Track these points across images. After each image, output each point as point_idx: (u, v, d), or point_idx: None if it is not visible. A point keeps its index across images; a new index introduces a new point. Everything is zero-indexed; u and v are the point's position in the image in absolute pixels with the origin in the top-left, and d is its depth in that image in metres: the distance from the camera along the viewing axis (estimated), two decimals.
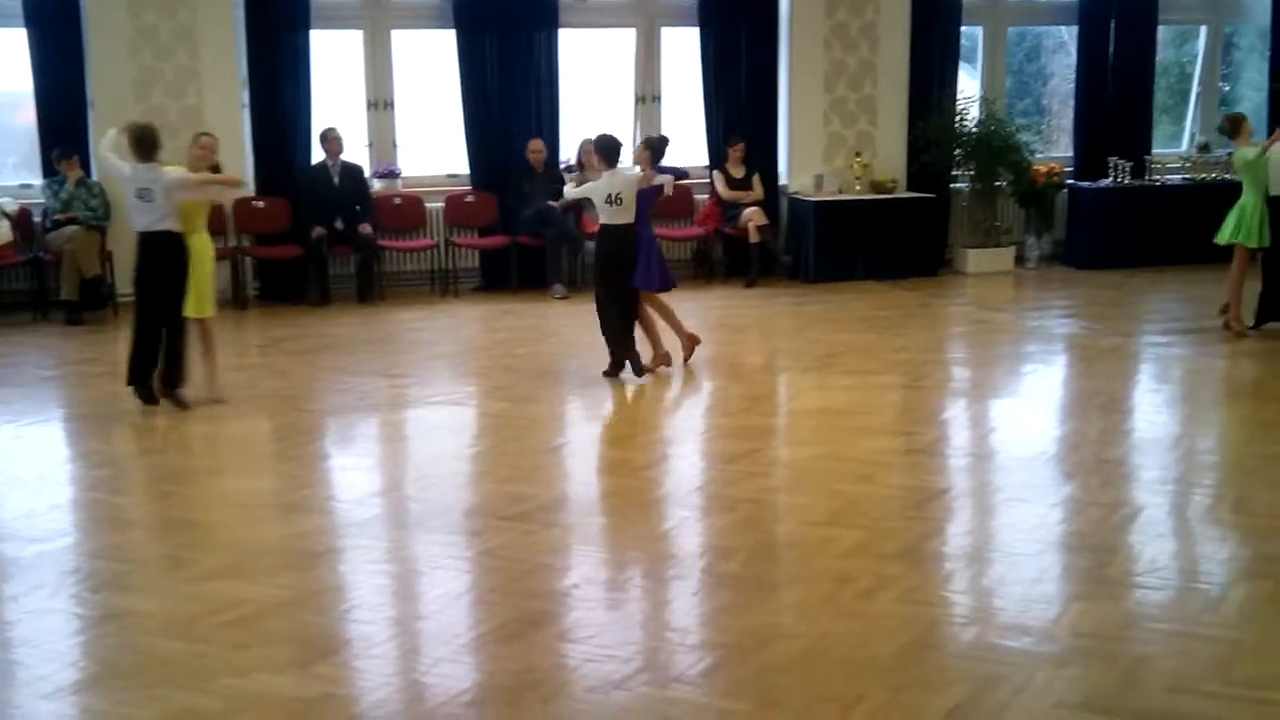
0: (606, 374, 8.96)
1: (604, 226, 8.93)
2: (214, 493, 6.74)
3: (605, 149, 8.97)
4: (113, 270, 11.50)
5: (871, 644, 4.63)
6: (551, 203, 12.46)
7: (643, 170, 8.90)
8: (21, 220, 11.65)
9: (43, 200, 11.67)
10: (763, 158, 13.38)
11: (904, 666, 4.45)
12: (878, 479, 6.67)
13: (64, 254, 11.23)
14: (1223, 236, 10.23)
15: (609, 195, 8.79)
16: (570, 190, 9.64)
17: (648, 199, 8.93)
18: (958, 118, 13.54)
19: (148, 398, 8.20)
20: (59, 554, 5.73)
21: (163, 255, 8.10)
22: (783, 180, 13.68)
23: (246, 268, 12.36)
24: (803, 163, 13.60)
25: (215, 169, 8.57)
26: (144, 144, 8.10)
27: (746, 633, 4.75)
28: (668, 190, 9.31)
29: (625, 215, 8.79)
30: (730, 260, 13.34)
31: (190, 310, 8.25)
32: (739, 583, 5.29)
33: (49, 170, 11.69)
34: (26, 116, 12.00)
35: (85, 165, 11.66)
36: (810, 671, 4.43)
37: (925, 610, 4.96)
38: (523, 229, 12.59)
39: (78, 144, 11.63)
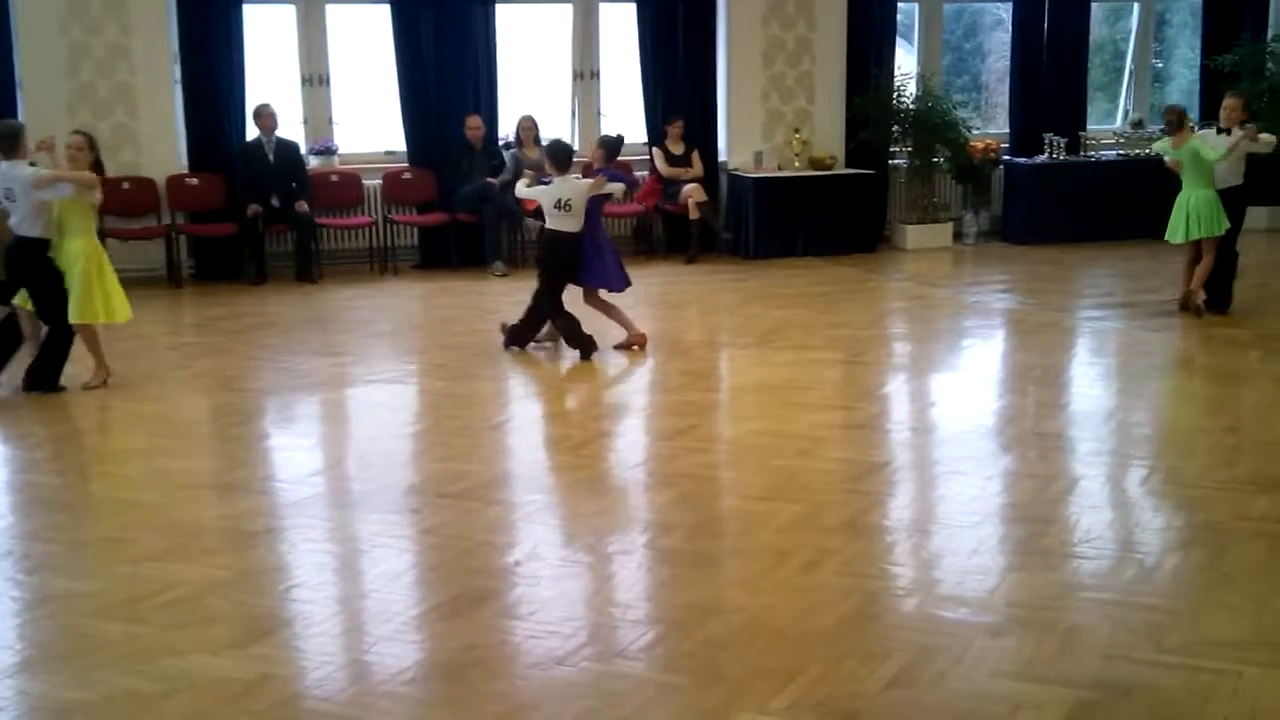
0: (508, 340, 9.04)
1: (550, 232, 8.88)
2: (151, 473, 6.65)
3: (556, 155, 8.94)
4: None
5: (811, 616, 4.66)
6: (490, 180, 12.40)
7: (594, 165, 8.93)
8: None
9: None
10: (702, 134, 13.41)
11: (843, 638, 4.49)
12: (817, 453, 6.70)
13: None
14: (1182, 235, 9.73)
15: (559, 200, 8.75)
16: (522, 189, 9.48)
17: (598, 203, 8.95)
18: (895, 95, 13.60)
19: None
20: None
21: (19, 263, 8.00)
22: (722, 157, 13.71)
23: (181, 245, 12.19)
24: (742, 139, 13.64)
25: (96, 167, 8.09)
26: (4, 141, 7.93)
27: (688, 607, 4.77)
28: (617, 197, 9.35)
29: (573, 223, 8.76)
30: (670, 237, 13.36)
31: (76, 315, 8.00)
32: (680, 558, 5.31)
33: None
34: None
35: None
36: (751, 644, 4.45)
37: (864, 582, 5.00)
38: (461, 206, 12.51)
39: None
